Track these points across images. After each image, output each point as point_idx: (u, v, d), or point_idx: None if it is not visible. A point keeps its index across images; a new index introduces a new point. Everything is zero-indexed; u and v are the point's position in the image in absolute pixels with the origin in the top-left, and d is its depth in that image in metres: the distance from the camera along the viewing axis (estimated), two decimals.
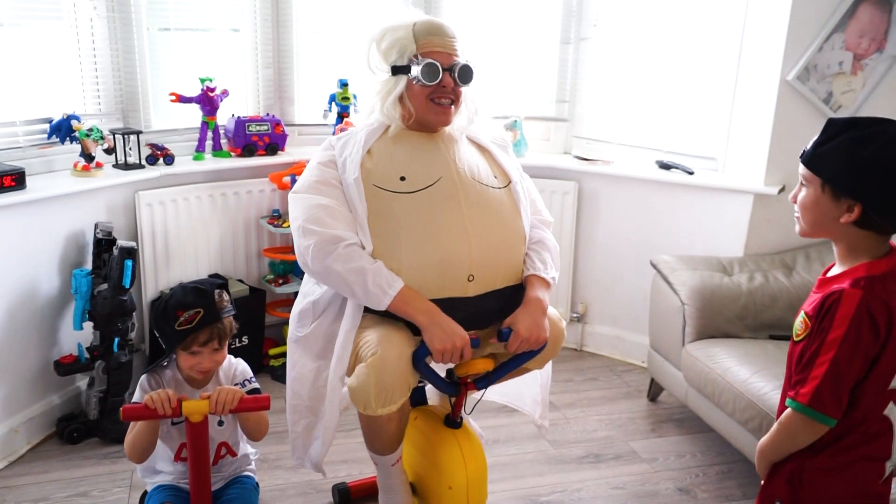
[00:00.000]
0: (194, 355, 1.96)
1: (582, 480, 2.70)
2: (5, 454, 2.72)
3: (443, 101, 2.10)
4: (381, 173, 2.05)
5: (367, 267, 1.94)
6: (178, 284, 2.08)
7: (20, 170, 2.68)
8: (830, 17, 2.94)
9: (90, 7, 3.05)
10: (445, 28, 2.13)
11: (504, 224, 2.11)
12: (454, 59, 2.10)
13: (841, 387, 1.43)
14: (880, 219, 1.42)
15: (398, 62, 2.09)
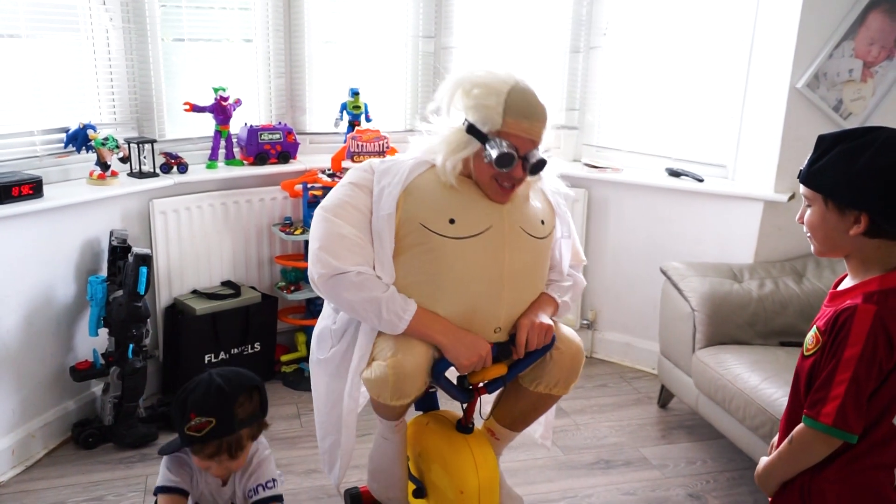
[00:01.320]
0: (202, 460, 1.88)
1: (592, 486, 2.70)
2: (22, 459, 2.74)
3: (505, 184, 2.00)
4: (431, 213, 1.99)
5: (379, 296, 1.93)
6: (210, 371, 1.90)
7: (38, 178, 2.70)
8: (840, 25, 2.95)
9: (106, 18, 3.07)
10: (538, 110, 1.97)
11: (537, 278, 2.13)
12: (533, 148, 1.98)
13: (861, 403, 1.42)
14: (888, 225, 1.42)
15: (479, 126, 1.96)
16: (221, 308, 3.21)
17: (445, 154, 2.01)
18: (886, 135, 1.40)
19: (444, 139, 2.03)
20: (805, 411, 1.47)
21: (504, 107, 1.92)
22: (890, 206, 1.40)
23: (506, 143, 1.92)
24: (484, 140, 1.95)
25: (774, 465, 1.57)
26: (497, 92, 1.94)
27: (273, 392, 3.26)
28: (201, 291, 3.29)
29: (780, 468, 1.55)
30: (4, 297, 2.62)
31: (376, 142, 3.39)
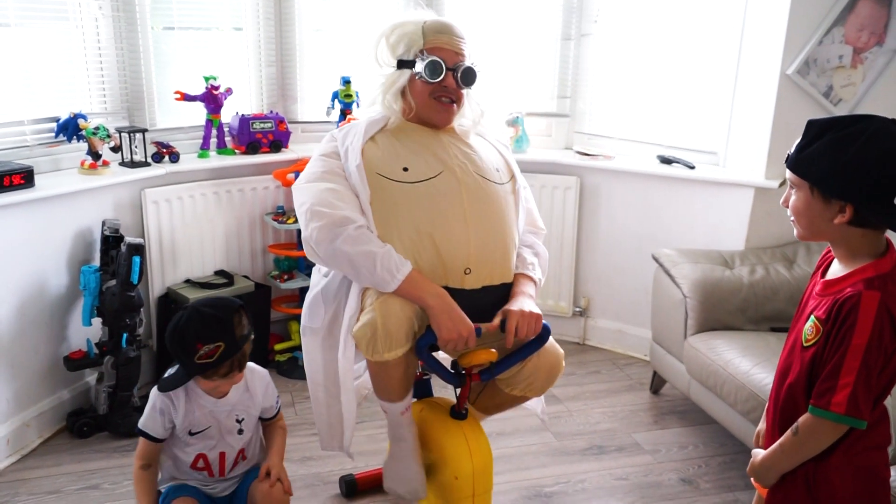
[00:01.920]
0: (213, 381, 1.95)
1: (585, 472, 2.73)
2: (17, 448, 2.75)
3: (443, 100, 2.14)
4: (385, 162, 2.09)
5: (376, 251, 1.96)
6: (192, 305, 1.98)
7: (28, 168, 2.70)
8: (830, 11, 2.96)
9: (96, 7, 3.07)
10: (455, 28, 2.15)
11: (503, 220, 2.14)
12: (459, 60, 2.13)
13: (871, 389, 1.44)
14: (873, 217, 1.42)
15: (404, 56, 2.13)
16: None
17: (383, 94, 2.18)
18: (876, 126, 1.39)
19: (380, 84, 2.19)
20: (812, 402, 1.47)
21: (422, 29, 2.12)
22: (875, 199, 1.40)
23: (432, 57, 2.10)
24: (412, 65, 2.13)
25: (777, 456, 1.55)
26: (414, 22, 2.15)
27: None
28: (194, 281, 3.29)
29: (784, 459, 1.54)
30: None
31: None
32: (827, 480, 1.51)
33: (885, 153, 1.38)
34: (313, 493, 2.56)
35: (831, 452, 1.50)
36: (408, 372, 2.14)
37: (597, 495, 2.60)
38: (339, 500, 2.53)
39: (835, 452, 1.50)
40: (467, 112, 2.22)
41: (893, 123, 1.40)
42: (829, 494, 1.52)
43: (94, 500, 2.52)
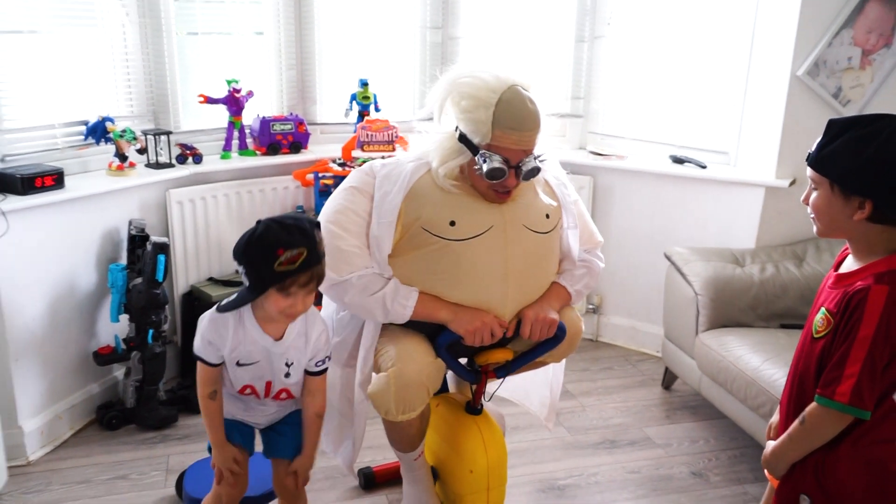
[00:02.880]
0: (288, 297, 1.81)
1: (598, 465, 2.75)
2: (50, 439, 2.81)
3: (500, 191, 1.99)
4: (431, 216, 1.99)
5: (383, 292, 1.97)
6: (268, 219, 1.82)
7: (59, 170, 2.74)
8: (839, 14, 2.96)
9: (123, 13, 3.10)
10: (528, 119, 1.92)
11: (543, 272, 2.12)
12: (525, 157, 1.95)
13: (876, 380, 1.45)
14: (892, 212, 1.44)
15: (470, 137, 1.94)
16: None
17: (439, 161, 2.01)
18: (892, 129, 1.42)
19: (437, 145, 2.02)
20: (818, 391, 1.49)
21: (493, 120, 1.88)
22: (891, 192, 1.43)
23: (497, 158, 1.90)
24: (475, 151, 1.93)
25: (785, 446, 1.58)
26: (486, 105, 1.89)
27: None
28: (217, 279, 3.33)
29: (792, 449, 1.57)
30: (29, 286, 2.67)
31: (385, 131, 3.43)
32: (835, 471, 1.53)
33: None
34: (333, 484, 2.60)
35: (839, 443, 1.52)
36: (421, 426, 2.16)
37: (609, 488, 2.62)
38: (358, 492, 2.57)
39: (843, 444, 1.51)
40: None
41: None
42: (838, 485, 1.53)
43: (122, 489, 2.56)
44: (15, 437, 2.67)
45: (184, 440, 2.86)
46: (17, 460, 2.69)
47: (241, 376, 1.94)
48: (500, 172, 1.91)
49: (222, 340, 1.88)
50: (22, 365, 2.68)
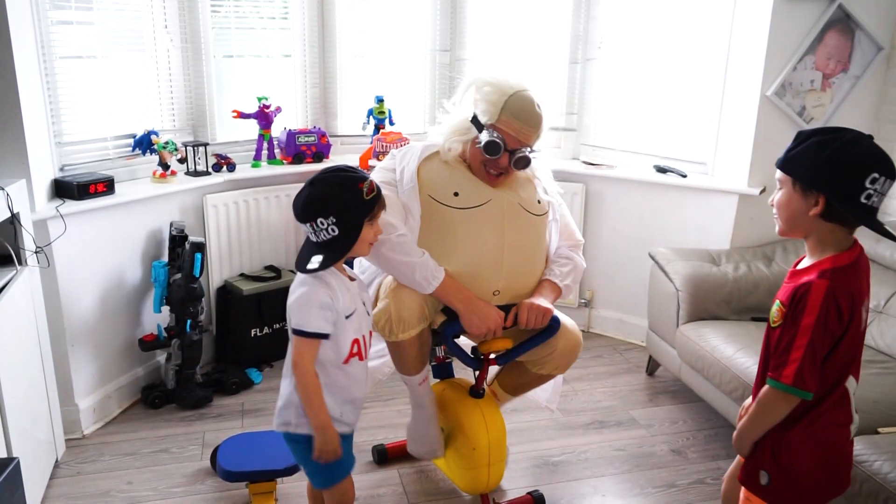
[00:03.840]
0: (374, 224, 1.82)
1: (587, 444, 2.78)
2: (102, 416, 2.87)
3: (491, 171, 2.08)
4: (437, 186, 2.08)
5: (415, 261, 2.00)
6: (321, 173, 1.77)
7: (110, 178, 2.79)
8: (802, 42, 2.99)
9: (167, 40, 3.14)
10: (532, 117, 2.03)
11: (535, 250, 2.16)
12: (520, 146, 2.04)
13: (816, 365, 1.47)
14: (842, 208, 1.46)
15: (479, 117, 2.06)
16: (265, 289, 3.28)
17: (448, 135, 2.12)
18: (853, 135, 1.47)
19: (452, 124, 2.13)
20: (769, 374, 1.53)
21: (503, 105, 2.01)
22: (843, 190, 1.45)
23: (496, 135, 2.01)
24: (480, 129, 2.05)
25: (746, 425, 1.60)
26: (502, 92, 2.02)
27: None
28: (248, 274, 3.37)
29: (751, 428, 1.59)
30: (83, 280, 2.73)
31: (399, 143, 3.44)
32: (789, 450, 1.56)
33: (855, 156, 1.45)
34: None
35: (793, 426, 1.55)
36: (421, 350, 2.18)
37: (597, 464, 2.65)
38: (372, 466, 2.60)
39: (797, 426, 1.54)
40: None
41: (868, 137, 1.48)
42: (791, 463, 1.56)
43: (164, 461, 2.62)
44: (71, 413, 2.72)
45: (218, 418, 2.91)
46: (74, 434, 2.75)
47: (348, 332, 1.82)
48: (496, 146, 2.01)
49: (335, 296, 1.77)
50: (77, 350, 2.74)
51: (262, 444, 2.39)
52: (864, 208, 1.45)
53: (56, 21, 2.73)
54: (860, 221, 1.48)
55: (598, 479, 2.59)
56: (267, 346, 3.36)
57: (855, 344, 1.54)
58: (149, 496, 2.45)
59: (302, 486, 2.47)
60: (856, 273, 1.50)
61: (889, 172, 1.45)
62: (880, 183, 1.44)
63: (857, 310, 1.49)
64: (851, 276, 1.49)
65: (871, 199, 1.44)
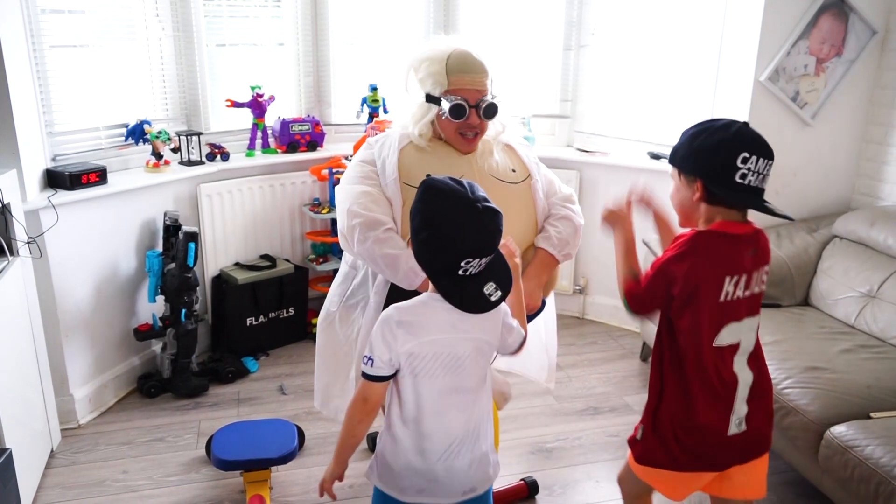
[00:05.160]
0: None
1: (582, 430, 2.79)
2: (97, 405, 2.87)
3: (468, 134, 2.06)
4: (411, 173, 2.05)
5: (399, 254, 1.96)
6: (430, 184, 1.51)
7: (103, 168, 2.78)
8: (796, 26, 2.97)
9: (159, 28, 3.13)
10: (476, 64, 2.04)
11: (516, 217, 2.10)
12: (481, 97, 2.03)
13: (653, 293, 1.61)
14: (717, 189, 1.52)
15: (432, 92, 2.05)
16: (260, 278, 3.28)
17: (412, 124, 2.10)
18: (725, 122, 1.53)
19: (410, 114, 2.12)
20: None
21: (446, 69, 2.01)
22: (717, 172, 1.51)
23: (456, 97, 2.01)
24: (438, 101, 2.03)
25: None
26: (439, 59, 2.03)
27: (305, 350, 3.40)
28: (242, 263, 3.36)
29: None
30: (77, 270, 2.72)
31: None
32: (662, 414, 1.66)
33: (724, 138, 1.50)
34: None
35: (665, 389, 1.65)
36: None
37: (591, 450, 2.66)
38: (366, 453, 2.59)
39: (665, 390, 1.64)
40: (490, 128, 2.15)
41: (744, 125, 1.52)
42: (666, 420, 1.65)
43: (159, 450, 2.62)
44: (67, 403, 2.72)
45: (213, 407, 2.91)
46: (69, 423, 2.75)
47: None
48: (461, 108, 2.01)
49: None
50: (72, 340, 2.73)
51: (257, 432, 2.39)
52: (741, 188, 1.49)
53: (47, 10, 2.70)
54: (740, 201, 1.52)
55: (592, 465, 2.59)
56: (262, 334, 3.36)
57: (717, 311, 1.56)
58: (144, 485, 2.44)
59: (296, 474, 2.49)
60: (732, 244, 1.54)
61: (760, 151, 1.48)
62: (753, 162, 1.48)
63: (715, 274, 1.53)
64: (721, 243, 1.54)
65: (747, 179, 1.48)
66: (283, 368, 3.24)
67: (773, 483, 2.48)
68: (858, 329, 2.66)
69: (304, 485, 2.44)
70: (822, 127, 3.15)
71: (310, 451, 2.63)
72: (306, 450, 2.63)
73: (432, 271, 1.47)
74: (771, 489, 2.44)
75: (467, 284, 1.44)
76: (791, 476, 2.50)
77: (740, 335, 1.60)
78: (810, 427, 2.14)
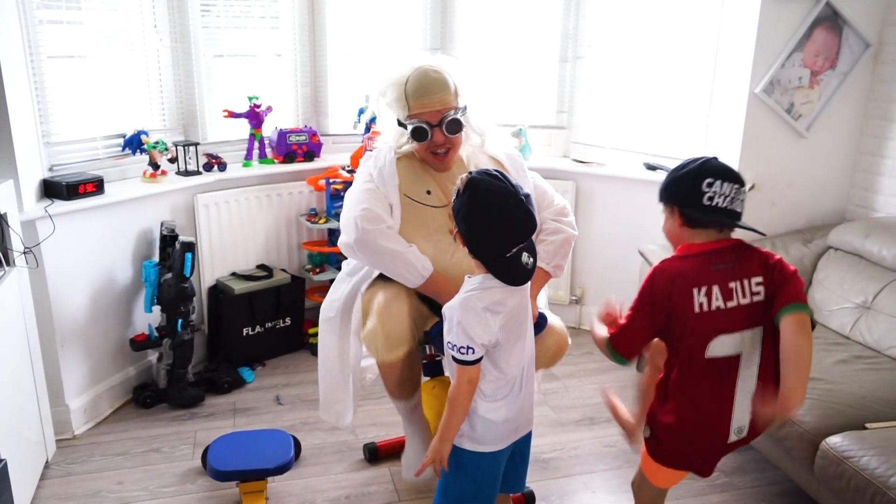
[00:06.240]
0: None
1: (578, 440, 2.78)
2: (92, 416, 2.85)
3: (438, 152, 2.12)
4: (411, 186, 2.12)
5: (403, 250, 2.02)
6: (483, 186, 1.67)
7: (100, 178, 2.78)
8: (790, 39, 2.98)
9: (157, 39, 3.13)
10: (432, 85, 2.07)
11: None
12: (442, 115, 2.07)
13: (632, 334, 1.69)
14: (691, 212, 1.65)
15: (399, 117, 2.14)
16: (256, 288, 3.28)
17: (394, 146, 2.18)
18: (696, 159, 1.69)
19: (391, 135, 2.20)
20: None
21: (405, 95, 2.07)
22: (687, 198, 1.66)
23: (416, 121, 2.07)
24: (405, 127, 2.11)
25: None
26: (398, 84, 2.09)
27: (301, 360, 3.40)
28: (239, 273, 3.36)
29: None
30: (74, 280, 2.72)
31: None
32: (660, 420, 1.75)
33: (690, 170, 1.67)
34: (341, 458, 2.64)
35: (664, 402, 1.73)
36: (412, 372, 2.20)
37: (588, 461, 2.65)
38: (363, 464, 2.60)
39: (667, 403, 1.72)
40: (470, 137, 2.20)
41: (712, 159, 1.68)
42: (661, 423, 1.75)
43: (155, 461, 2.60)
44: (62, 413, 2.71)
45: (209, 417, 2.90)
46: (64, 434, 2.73)
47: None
48: (421, 132, 2.07)
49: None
50: (67, 350, 2.72)
51: (253, 443, 2.38)
52: (710, 209, 1.64)
53: (45, 20, 2.71)
54: (712, 221, 1.66)
55: (589, 475, 2.59)
56: (259, 344, 3.36)
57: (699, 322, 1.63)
58: (139, 496, 2.43)
59: (292, 484, 2.48)
60: (692, 261, 1.66)
61: (723, 177, 1.65)
62: (718, 185, 1.63)
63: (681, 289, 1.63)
64: (678, 263, 1.66)
65: (714, 200, 1.64)
66: (279, 379, 3.23)
67: (769, 493, 2.49)
68: (853, 340, 2.67)
69: (301, 495, 2.43)
70: (816, 138, 3.17)
71: (306, 462, 2.62)
72: (303, 460, 2.62)
73: (487, 259, 1.66)
74: (767, 500, 2.45)
75: (514, 262, 1.62)
76: (787, 486, 2.49)
77: (739, 347, 1.65)
78: (806, 437, 2.14)
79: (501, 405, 1.73)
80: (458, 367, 1.67)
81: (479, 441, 1.76)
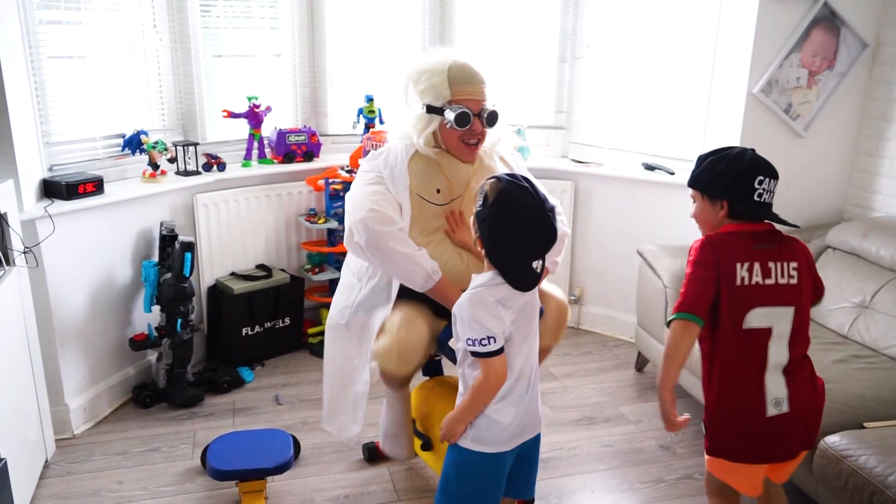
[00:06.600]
0: None
1: (577, 440, 2.78)
2: (92, 416, 2.85)
3: (471, 142, 2.14)
4: (423, 184, 2.13)
5: (413, 253, 2.02)
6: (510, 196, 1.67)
7: (99, 178, 2.78)
8: (788, 39, 2.99)
9: (157, 39, 3.13)
10: (477, 75, 2.13)
11: None
12: (483, 105, 2.13)
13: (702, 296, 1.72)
14: (743, 208, 1.75)
15: (433, 103, 2.12)
16: (256, 288, 3.28)
17: (416, 133, 2.17)
18: (738, 151, 1.77)
19: (412, 125, 2.18)
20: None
21: (448, 80, 2.10)
22: (740, 194, 1.75)
23: (460, 106, 2.09)
24: (441, 112, 2.11)
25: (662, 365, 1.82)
26: (440, 72, 2.11)
27: (301, 360, 3.41)
28: (238, 273, 3.36)
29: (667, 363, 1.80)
30: (73, 280, 2.72)
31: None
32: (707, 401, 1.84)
33: (742, 165, 1.75)
34: (340, 457, 2.64)
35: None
36: (412, 375, 2.19)
37: (587, 460, 2.65)
38: (362, 464, 2.61)
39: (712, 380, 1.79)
40: (490, 137, 2.23)
41: (752, 151, 1.77)
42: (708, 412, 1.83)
43: (154, 460, 2.61)
44: (61, 413, 2.71)
45: (208, 417, 2.90)
46: (64, 434, 2.73)
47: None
48: (466, 117, 2.09)
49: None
50: (67, 350, 2.72)
51: (253, 442, 2.38)
52: (758, 204, 1.75)
53: (45, 21, 2.71)
54: (761, 215, 1.77)
55: (588, 475, 2.59)
56: (258, 344, 3.35)
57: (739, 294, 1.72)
58: (139, 496, 2.43)
59: (292, 483, 2.48)
60: (736, 238, 1.75)
61: (771, 174, 1.75)
62: (767, 183, 1.75)
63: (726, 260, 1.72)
64: (726, 238, 1.75)
65: (763, 197, 1.75)
66: (278, 378, 3.23)
67: None
68: (851, 339, 2.67)
69: (300, 495, 2.43)
70: (814, 139, 3.17)
71: (305, 461, 2.62)
72: (302, 460, 2.62)
73: (504, 266, 1.67)
74: None
75: (528, 269, 1.66)
76: (785, 485, 2.49)
77: (772, 321, 1.74)
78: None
79: (509, 406, 1.73)
80: (483, 362, 1.66)
81: (483, 441, 1.74)
